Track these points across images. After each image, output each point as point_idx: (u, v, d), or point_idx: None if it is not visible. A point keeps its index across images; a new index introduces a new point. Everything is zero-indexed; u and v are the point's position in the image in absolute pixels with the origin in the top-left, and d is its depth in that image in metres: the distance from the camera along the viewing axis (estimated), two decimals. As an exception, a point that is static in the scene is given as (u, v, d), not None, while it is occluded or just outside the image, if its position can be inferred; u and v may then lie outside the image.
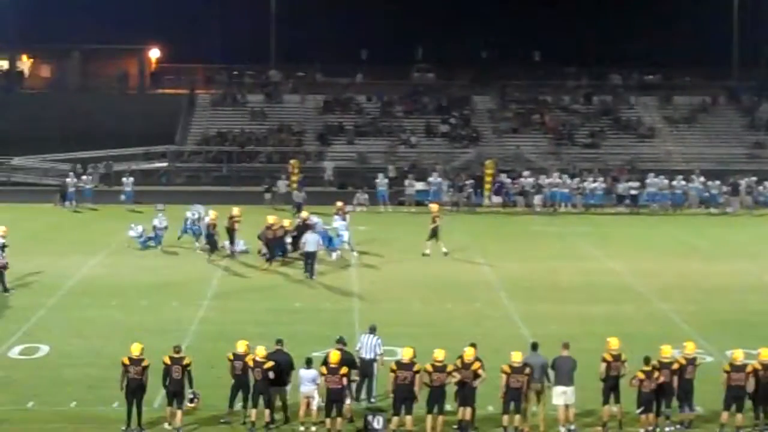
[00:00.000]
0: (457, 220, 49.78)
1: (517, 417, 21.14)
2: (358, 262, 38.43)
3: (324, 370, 21.11)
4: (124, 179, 53.76)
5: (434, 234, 39.52)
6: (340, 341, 22.44)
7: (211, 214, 38.38)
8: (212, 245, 38.00)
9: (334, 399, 21.02)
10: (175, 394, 21.38)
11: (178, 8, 77.98)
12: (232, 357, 21.98)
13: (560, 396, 21.52)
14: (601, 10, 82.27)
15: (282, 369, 21.70)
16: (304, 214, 39.58)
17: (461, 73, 77.49)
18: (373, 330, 23.14)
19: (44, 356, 26.45)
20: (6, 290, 32.91)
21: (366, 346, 22.82)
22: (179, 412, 21.35)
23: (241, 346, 22.01)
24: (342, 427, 21.11)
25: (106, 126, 66.11)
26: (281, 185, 54.13)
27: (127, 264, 37.47)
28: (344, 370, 21.24)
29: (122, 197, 52.37)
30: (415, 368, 21.10)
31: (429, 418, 21.13)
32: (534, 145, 67.00)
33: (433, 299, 32.93)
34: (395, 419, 21.08)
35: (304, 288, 34.42)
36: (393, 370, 21.17)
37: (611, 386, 21.59)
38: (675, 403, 21.70)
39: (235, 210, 38.68)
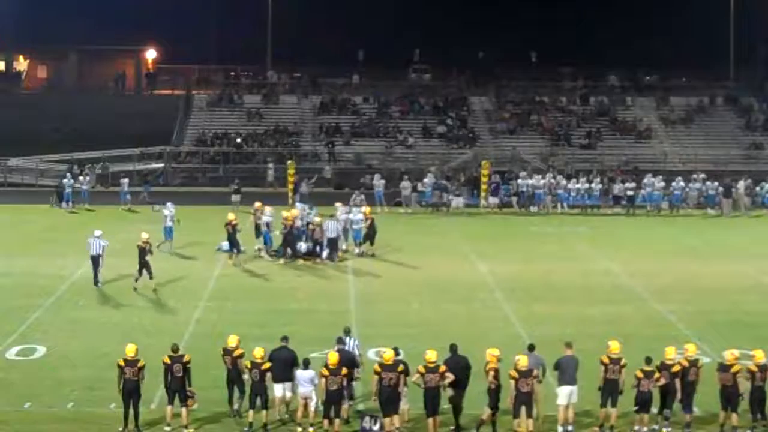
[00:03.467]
0: (453, 222, 49.80)
1: (530, 422, 20.93)
2: (355, 263, 38.49)
3: (325, 371, 21.09)
4: (120, 180, 53.87)
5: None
6: (340, 341, 22.45)
7: (230, 216, 38.23)
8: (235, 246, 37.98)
9: (332, 400, 21.01)
10: (176, 393, 21.39)
11: (175, 9, 78.06)
12: (222, 352, 22.24)
13: (566, 396, 21.46)
14: (598, 11, 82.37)
15: (284, 365, 21.79)
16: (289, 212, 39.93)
17: (458, 74, 77.50)
18: (347, 332, 23.09)
19: (41, 357, 26.45)
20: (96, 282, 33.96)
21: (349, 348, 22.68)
22: (184, 410, 21.38)
23: (232, 341, 22.19)
24: (339, 429, 21.10)
25: (103, 127, 66.06)
26: (303, 186, 54.06)
27: (123, 264, 37.33)
28: (344, 371, 21.24)
29: (128, 197, 52.30)
30: (399, 369, 21.04)
31: (430, 421, 21.06)
32: (531, 146, 66.98)
33: (430, 300, 32.92)
34: (386, 420, 21.00)
35: (301, 289, 34.41)
36: (378, 373, 21.12)
37: (609, 389, 21.55)
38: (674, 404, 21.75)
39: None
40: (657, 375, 21.42)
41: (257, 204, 40.09)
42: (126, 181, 53.57)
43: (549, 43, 78.95)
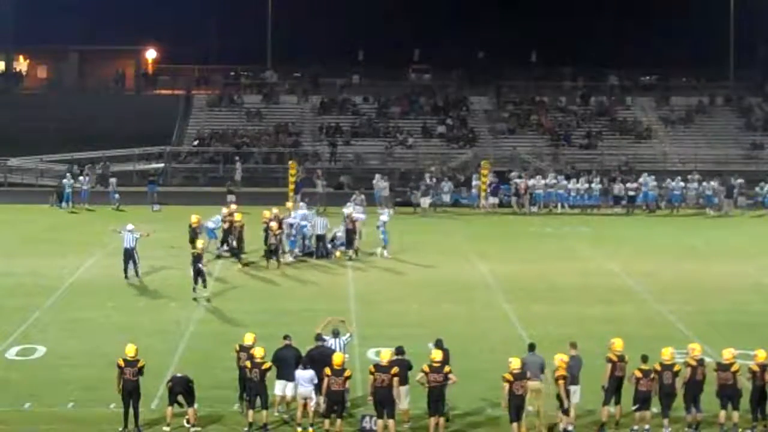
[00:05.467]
0: (453, 222, 49.82)
1: (522, 424, 20.94)
2: (355, 263, 38.50)
3: (328, 371, 21.09)
4: (110, 180, 54.03)
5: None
6: (319, 338, 22.59)
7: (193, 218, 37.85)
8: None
9: (335, 401, 21.01)
10: (179, 394, 21.40)
11: (175, 9, 78.05)
12: (238, 348, 22.33)
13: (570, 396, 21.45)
14: (598, 11, 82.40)
15: (289, 365, 21.86)
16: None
17: (458, 74, 77.53)
18: (336, 334, 23.02)
19: (41, 357, 26.44)
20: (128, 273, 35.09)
21: (337, 349, 22.59)
22: (191, 410, 21.40)
23: (248, 339, 22.33)
24: (340, 429, 21.09)
25: (103, 127, 66.08)
26: (319, 185, 54.15)
27: (123, 265, 37.37)
28: (347, 372, 21.24)
29: (116, 196, 52.42)
30: (393, 371, 20.96)
31: (432, 421, 21.02)
32: (531, 146, 66.97)
33: (430, 300, 32.91)
34: (379, 422, 20.93)
35: (301, 289, 34.41)
36: (371, 373, 21.08)
37: (614, 387, 21.57)
38: (675, 404, 21.74)
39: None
40: (654, 375, 21.44)
41: (226, 210, 40.05)
42: (114, 180, 53.62)
43: (549, 43, 78.97)
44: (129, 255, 35.04)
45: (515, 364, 21.03)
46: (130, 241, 35.00)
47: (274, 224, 37.56)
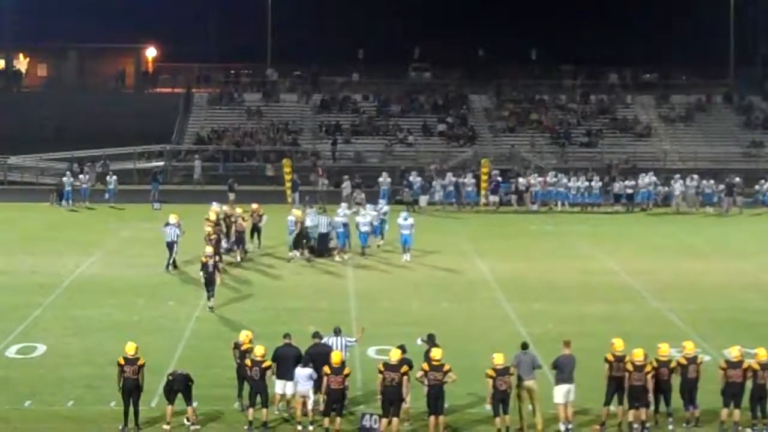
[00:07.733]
0: (454, 220, 49.80)
1: (507, 417, 21.07)
2: (356, 262, 38.48)
3: (327, 369, 21.11)
4: (107, 177, 54.09)
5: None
6: (317, 335, 22.61)
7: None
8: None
9: (334, 399, 21.03)
10: (178, 392, 21.42)
11: (175, 7, 78.10)
12: (233, 345, 22.52)
13: (564, 394, 21.49)
14: (598, 9, 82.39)
15: (290, 363, 21.88)
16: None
17: (458, 72, 77.48)
18: (338, 332, 23.02)
19: (41, 355, 26.45)
20: (174, 267, 36.07)
21: (337, 348, 22.61)
22: (190, 409, 21.44)
23: (241, 336, 22.49)
24: (340, 427, 21.10)
25: (103, 125, 66.08)
26: (320, 183, 54.17)
27: (123, 263, 37.45)
28: (347, 370, 21.26)
29: (105, 195, 52.53)
30: (402, 369, 21.00)
31: (432, 419, 21.02)
32: (531, 144, 66.93)
33: (430, 298, 32.93)
34: (383, 421, 20.96)
35: (301, 288, 34.40)
36: (381, 372, 21.10)
37: (614, 387, 21.57)
38: (673, 402, 21.77)
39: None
40: (648, 369, 21.47)
41: (254, 206, 40.07)
42: (114, 178, 53.69)
43: (549, 41, 78.97)
44: (170, 248, 36.01)
45: (498, 359, 21.20)
46: (171, 235, 35.95)
47: (208, 228, 36.25)
